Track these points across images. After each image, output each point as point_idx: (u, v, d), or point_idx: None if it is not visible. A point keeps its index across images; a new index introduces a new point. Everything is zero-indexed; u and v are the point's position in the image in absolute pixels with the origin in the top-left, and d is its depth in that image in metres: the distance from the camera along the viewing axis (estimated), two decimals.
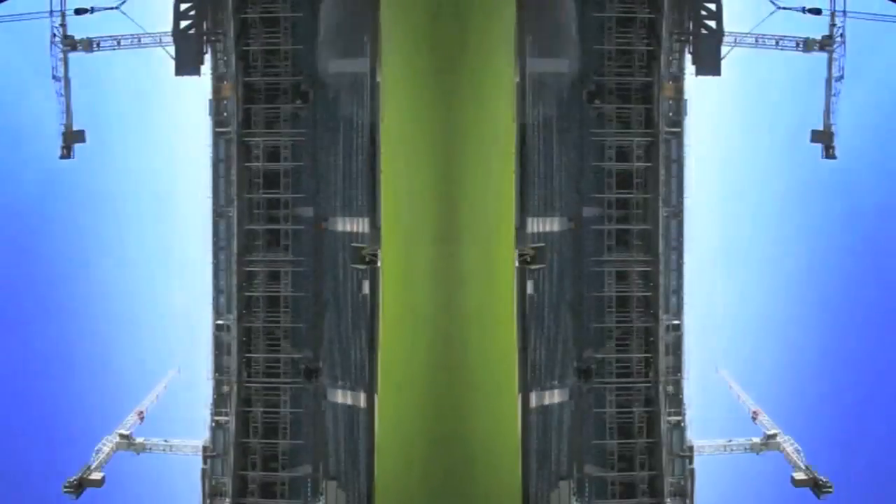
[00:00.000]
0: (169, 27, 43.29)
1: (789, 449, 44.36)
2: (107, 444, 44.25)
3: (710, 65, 42.96)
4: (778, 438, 45.00)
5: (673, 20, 43.21)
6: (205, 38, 42.66)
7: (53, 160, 43.93)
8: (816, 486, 42.60)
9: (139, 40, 44.25)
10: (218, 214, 44.81)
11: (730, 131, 76.56)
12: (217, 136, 44.26)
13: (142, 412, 46.13)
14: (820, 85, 43.83)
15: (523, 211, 42.90)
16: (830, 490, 42.36)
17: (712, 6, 42.63)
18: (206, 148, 44.44)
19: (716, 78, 43.85)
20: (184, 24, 42.59)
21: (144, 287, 79.10)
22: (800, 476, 43.07)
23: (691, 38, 42.89)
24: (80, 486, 42.26)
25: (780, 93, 72.56)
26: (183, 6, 42.56)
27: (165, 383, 48.92)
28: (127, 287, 77.90)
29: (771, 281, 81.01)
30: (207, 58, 43.49)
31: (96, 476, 42.68)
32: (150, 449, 45.25)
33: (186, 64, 42.76)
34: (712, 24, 42.60)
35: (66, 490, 42.01)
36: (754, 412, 46.51)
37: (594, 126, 44.91)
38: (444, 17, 38.58)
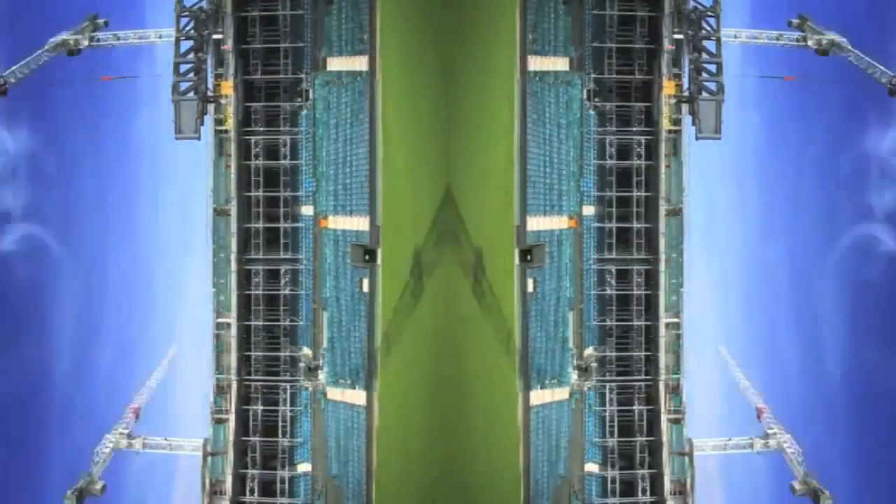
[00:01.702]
0: (167, 25, 43.27)
1: (789, 451, 43.79)
2: (107, 444, 43.89)
3: (711, 128, 42.74)
4: (778, 437, 44.65)
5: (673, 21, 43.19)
6: (204, 100, 42.55)
7: None
8: (815, 496, 41.94)
9: (138, 37, 44.23)
10: (217, 213, 44.71)
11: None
12: (217, 134, 44.14)
13: (137, 409, 45.48)
14: None
15: (523, 210, 42.85)
16: (829, 500, 41.84)
17: (713, 67, 42.51)
18: (205, 146, 44.31)
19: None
20: (183, 86, 42.40)
21: (143, 286, 78.94)
22: (799, 486, 42.61)
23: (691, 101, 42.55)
24: (82, 496, 41.61)
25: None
26: (183, 67, 42.44)
27: (167, 362, 48.49)
28: (127, 285, 77.76)
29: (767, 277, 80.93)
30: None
31: (97, 485, 41.94)
32: (151, 448, 45.02)
33: (186, 129, 42.62)
34: (713, 85, 42.43)
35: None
36: (759, 409, 45.98)
37: (595, 124, 44.79)
38: (444, 15, 38.56)
